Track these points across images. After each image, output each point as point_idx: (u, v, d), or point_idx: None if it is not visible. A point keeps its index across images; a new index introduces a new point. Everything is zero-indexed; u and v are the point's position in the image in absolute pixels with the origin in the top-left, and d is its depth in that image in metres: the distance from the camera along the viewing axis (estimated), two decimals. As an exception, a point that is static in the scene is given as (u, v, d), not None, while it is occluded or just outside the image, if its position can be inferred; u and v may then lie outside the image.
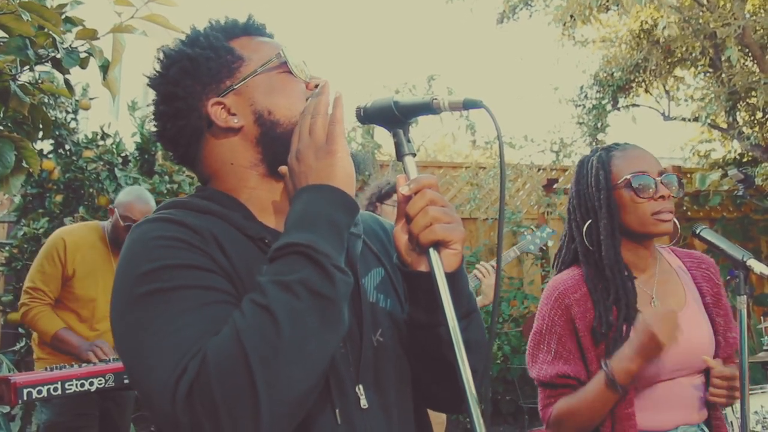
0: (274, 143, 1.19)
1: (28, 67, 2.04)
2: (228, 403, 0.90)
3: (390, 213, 3.39)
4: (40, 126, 2.19)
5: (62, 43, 1.98)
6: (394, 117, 1.12)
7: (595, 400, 1.82)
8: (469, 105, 1.05)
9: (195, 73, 1.21)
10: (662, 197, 1.90)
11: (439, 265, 1.07)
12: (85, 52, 2.03)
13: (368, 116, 1.14)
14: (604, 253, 1.93)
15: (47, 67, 2.10)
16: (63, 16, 1.94)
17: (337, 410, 1.08)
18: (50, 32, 1.90)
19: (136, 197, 3.63)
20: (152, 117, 1.27)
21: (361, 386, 1.13)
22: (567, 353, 1.91)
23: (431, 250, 1.07)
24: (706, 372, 1.94)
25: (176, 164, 5.46)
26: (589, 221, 1.98)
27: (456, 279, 1.11)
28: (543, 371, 1.93)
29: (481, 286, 3.42)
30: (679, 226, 2.02)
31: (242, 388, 0.90)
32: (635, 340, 1.78)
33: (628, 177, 1.93)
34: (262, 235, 1.15)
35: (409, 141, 1.13)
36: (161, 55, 1.25)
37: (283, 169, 1.16)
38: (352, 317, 1.15)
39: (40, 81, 2.19)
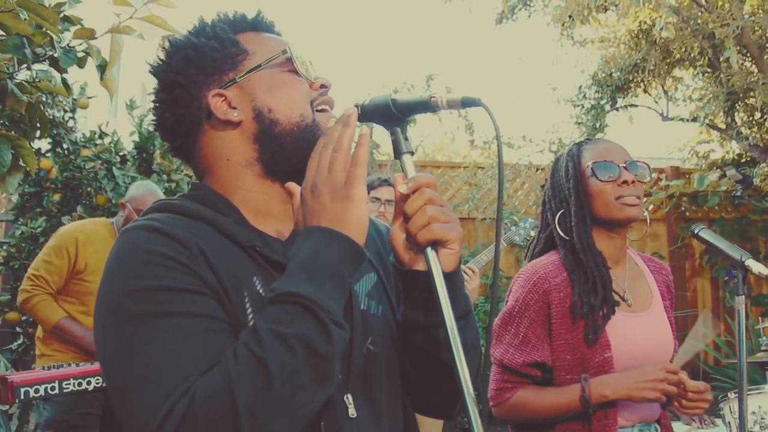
0: (271, 142, 1.17)
1: (25, 65, 2.03)
2: None
3: (369, 211, 3.40)
4: (38, 125, 2.19)
5: (60, 42, 1.97)
6: (392, 115, 1.11)
7: (560, 407, 1.86)
8: (467, 103, 1.04)
9: (198, 63, 1.19)
10: (625, 182, 1.94)
11: (437, 264, 1.06)
12: (82, 51, 2.03)
13: (366, 114, 1.13)
14: (576, 239, 1.96)
15: (45, 65, 2.10)
16: (61, 15, 1.94)
17: (322, 423, 1.06)
18: (48, 31, 1.90)
19: (148, 191, 3.70)
20: (152, 105, 1.25)
21: (349, 395, 1.11)
22: (536, 339, 1.91)
23: (429, 249, 1.07)
24: None
25: (174, 160, 5.47)
26: (562, 210, 2.03)
27: (453, 279, 1.11)
28: (509, 355, 1.92)
29: (469, 286, 3.42)
30: (648, 218, 2.05)
31: None
32: (632, 377, 1.81)
33: (590, 164, 1.98)
34: (253, 243, 1.13)
35: (406, 139, 1.12)
36: (166, 44, 1.23)
37: (291, 186, 1.14)
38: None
39: (37, 80, 2.19)
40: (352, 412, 1.10)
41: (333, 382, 0.98)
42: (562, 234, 2.00)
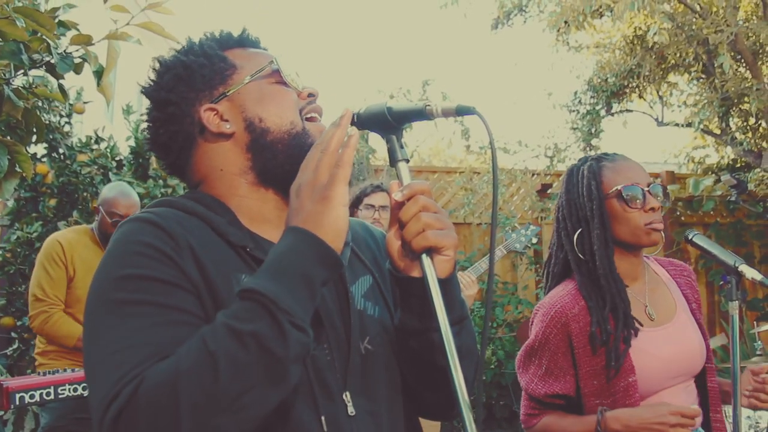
0: (264, 151, 1.20)
1: (22, 71, 2.04)
2: None
3: (364, 218, 3.42)
4: (34, 130, 2.19)
5: (56, 48, 1.98)
6: (388, 123, 1.12)
7: None
8: (462, 111, 1.05)
9: (189, 80, 1.23)
10: (652, 209, 1.92)
11: (432, 271, 1.07)
12: (79, 57, 2.03)
13: (362, 122, 1.14)
14: (599, 263, 1.93)
15: (41, 71, 2.10)
16: (56, 20, 1.94)
17: (322, 417, 1.08)
18: (45, 37, 1.90)
19: (119, 192, 3.66)
20: (145, 125, 1.28)
21: (348, 393, 1.13)
22: (558, 370, 1.93)
23: (424, 256, 1.07)
24: (698, 377, 1.98)
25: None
26: (580, 230, 1.99)
27: (448, 285, 1.12)
28: (533, 385, 1.97)
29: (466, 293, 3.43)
30: (663, 237, 2.04)
31: (167, 427, 0.90)
32: (644, 415, 1.79)
33: (619, 188, 1.94)
34: (244, 243, 1.15)
35: (402, 147, 1.13)
36: (156, 64, 1.27)
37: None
38: (339, 325, 1.17)
39: (34, 85, 2.19)
40: (351, 410, 1.12)
41: (287, 384, 0.96)
42: (579, 255, 1.98)
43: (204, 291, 1.07)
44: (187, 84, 1.23)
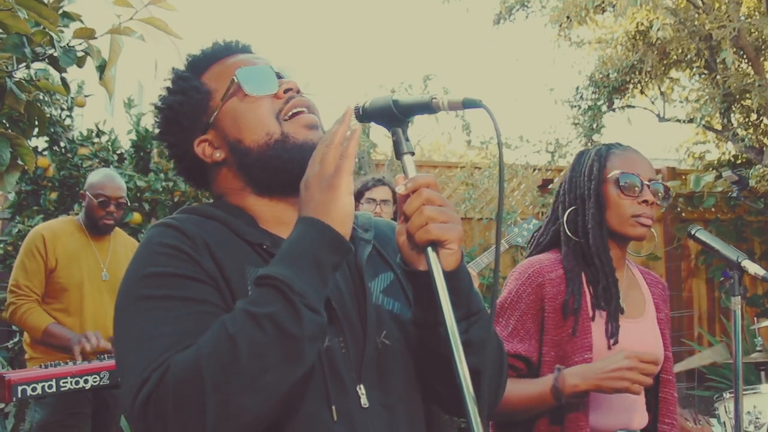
0: (251, 170, 1.24)
1: (24, 64, 2.03)
2: (178, 420, 0.96)
3: (366, 209, 3.41)
4: (36, 123, 2.18)
5: (59, 42, 1.97)
6: (394, 116, 1.12)
7: (534, 399, 1.81)
8: (468, 104, 1.05)
9: (175, 120, 1.29)
10: (645, 201, 1.92)
11: (437, 264, 1.07)
12: (82, 51, 2.02)
13: (367, 115, 1.14)
14: (592, 242, 1.94)
15: (43, 64, 2.10)
16: (60, 11, 1.93)
17: (333, 407, 1.09)
18: (47, 30, 1.89)
19: (104, 176, 3.71)
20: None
21: (362, 386, 1.14)
22: (524, 332, 1.90)
23: (429, 249, 1.08)
24: (655, 382, 1.96)
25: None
26: (574, 208, 1.99)
27: (455, 278, 1.12)
28: None
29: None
30: (656, 236, 2.04)
31: (193, 408, 0.95)
32: (600, 365, 1.77)
33: (617, 173, 1.94)
34: (261, 241, 1.19)
35: (407, 140, 1.13)
36: (154, 108, 1.34)
37: None
38: (356, 319, 1.19)
39: (36, 78, 2.19)
40: (364, 402, 1.14)
41: (305, 363, 1.01)
42: (568, 232, 1.98)
43: (222, 283, 1.12)
44: (175, 124, 1.29)
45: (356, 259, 1.25)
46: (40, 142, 5.36)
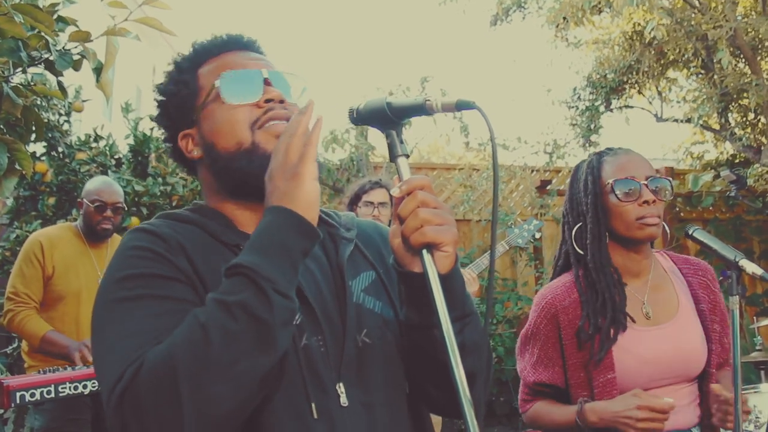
0: (221, 174, 1.24)
1: (20, 69, 2.03)
2: (155, 413, 0.96)
3: (364, 215, 3.41)
4: (33, 128, 2.18)
5: (55, 45, 1.97)
6: (387, 118, 1.12)
7: (563, 424, 1.93)
8: (462, 106, 1.05)
9: (166, 110, 1.31)
10: (646, 202, 1.91)
11: (432, 266, 1.07)
12: (78, 54, 2.02)
13: (361, 117, 1.14)
14: (590, 256, 1.95)
15: (40, 69, 2.10)
16: (55, 16, 1.93)
17: (313, 404, 1.10)
18: (43, 34, 1.89)
19: (102, 182, 3.73)
20: None
21: (341, 384, 1.14)
22: (548, 360, 1.97)
23: (424, 252, 1.07)
24: (699, 379, 1.96)
25: (170, 163, 5.47)
26: (579, 225, 2.00)
27: (450, 281, 1.11)
28: (526, 372, 2.04)
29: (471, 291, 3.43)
30: (668, 230, 2.03)
31: (169, 400, 0.95)
32: (614, 408, 1.80)
33: (611, 182, 1.94)
34: (237, 242, 1.19)
35: (402, 142, 1.13)
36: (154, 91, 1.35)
37: None
38: (336, 317, 1.19)
39: (33, 83, 2.19)
40: (344, 400, 1.14)
41: (277, 349, 1.01)
42: (578, 249, 1.99)
43: (197, 283, 1.12)
44: (166, 115, 1.32)
45: (337, 258, 1.25)
46: (38, 147, 5.36)
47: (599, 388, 1.88)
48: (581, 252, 1.99)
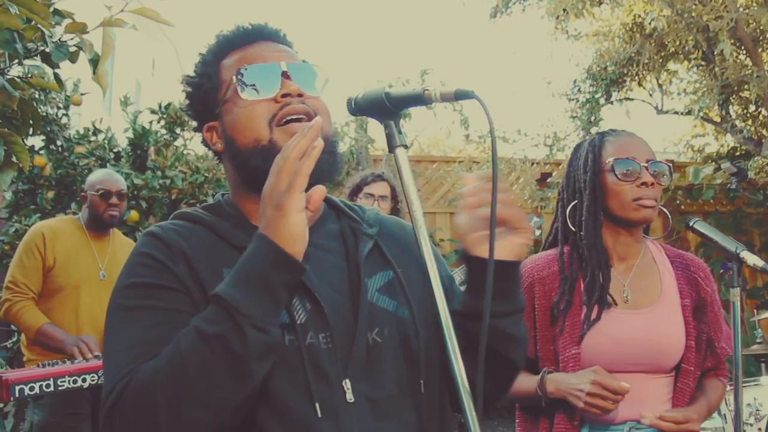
0: (240, 168, 1.25)
1: (17, 61, 2.02)
2: (138, 429, 1.04)
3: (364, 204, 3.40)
4: (30, 121, 2.17)
5: (51, 37, 1.96)
6: (386, 108, 1.12)
7: (527, 393, 1.90)
8: (460, 95, 1.05)
9: (192, 102, 1.33)
10: (644, 184, 1.89)
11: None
12: (74, 45, 2.01)
13: (359, 108, 1.13)
14: (584, 233, 1.94)
15: (36, 61, 2.09)
16: (51, 9, 1.92)
17: (316, 403, 1.10)
18: (39, 25, 1.88)
19: (104, 172, 3.79)
20: None
21: (348, 381, 1.14)
22: None
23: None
24: (676, 374, 1.92)
25: (169, 156, 5.46)
26: (575, 202, 1.99)
27: (514, 269, 1.22)
28: None
29: None
30: (671, 219, 2.02)
31: (148, 423, 1.03)
32: (571, 380, 1.80)
33: (611, 160, 1.92)
34: (246, 244, 1.16)
35: (400, 132, 1.13)
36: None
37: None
38: (349, 314, 1.19)
39: (29, 75, 2.17)
40: (350, 397, 1.14)
41: (252, 380, 1.04)
42: (570, 227, 1.98)
43: (195, 291, 1.15)
44: (192, 107, 1.33)
45: (357, 254, 1.24)
46: (37, 141, 5.34)
47: (564, 362, 1.88)
48: (573, 229, 1.97)
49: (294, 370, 1.11)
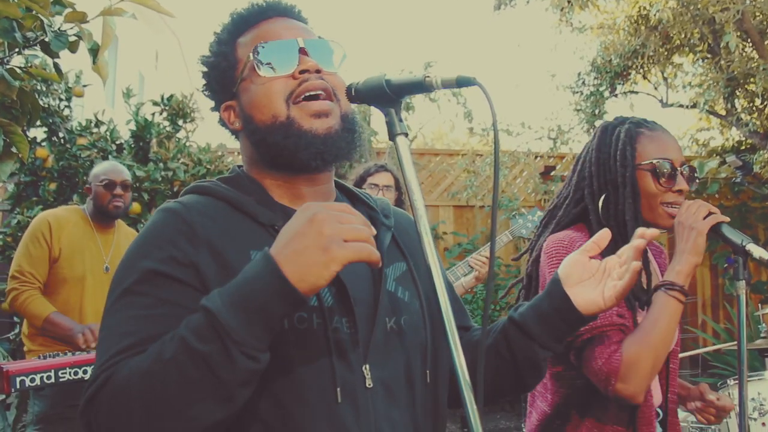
0: (259, 146, 1.24)
1: (16, 50, 2.00)
2: (108, 428, 1.02)
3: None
4: (30, 111, 2.15)
5: (51, 26, 1.94)
6: (386, 96, 1.10)
7: (670, 322, 1.71)
8: (462, 82, 1.04)
9: (209, 81, 1.32)
10: (680, 191, 1.82)
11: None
12: (74, 35, 1.99)
13: (360, 95, 1.12)
14: (630, 234, 1.77)
15: (37, 51, 2.07)
16: (51, -1, 1.90)
17: (338, 389, 1.10)
18: (38, 14, 1.86)
19: (108, 164, 3.78)
20: None
21: (367, 366, 1.15)
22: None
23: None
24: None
25: (171, 148, 5.45)
26: (606, 194, 1.87)
27: (579, 323, 1.29)
28: None
29: (478, 275, 3.42)
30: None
31: (122, 422, 1.00)
32: (686, 238, 1.76)
33: (654, 161, 1.83)
34: (273, 222, 1.18)
35: (401, 120, 1.11)
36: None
37: None
38: (370, 301, 1.19)
39: (29, 65, 2.16)
40: (369, 382, 1.14)
41: (234, 404, 1.01)
42: (602, 219, 1.85)
43: (215, 276, 1.10)
44: (209, 86, 1.32)
45: (378, 244, 1.24)
46: (39, 133, 5.33)
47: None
48: (606, 224, 1.83)
49: (319, 354, 1.10)
